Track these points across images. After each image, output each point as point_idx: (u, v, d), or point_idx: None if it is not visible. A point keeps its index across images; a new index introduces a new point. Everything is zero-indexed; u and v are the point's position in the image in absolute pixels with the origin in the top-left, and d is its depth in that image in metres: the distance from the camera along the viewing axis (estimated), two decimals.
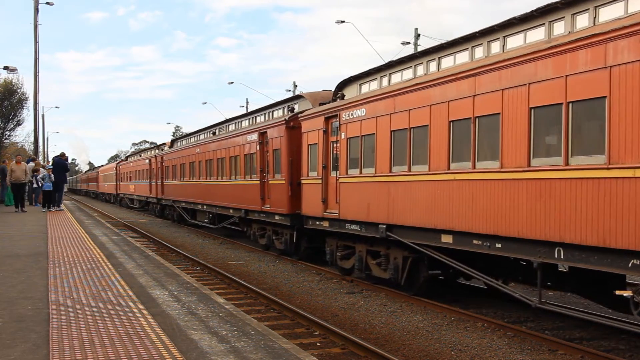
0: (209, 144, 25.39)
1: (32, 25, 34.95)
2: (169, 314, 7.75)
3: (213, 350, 6.19)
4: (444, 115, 10.56)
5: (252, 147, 19.89)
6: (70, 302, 8.12)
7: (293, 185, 16.82)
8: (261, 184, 18.96)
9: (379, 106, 12.51)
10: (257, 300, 12.49)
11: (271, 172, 18.26)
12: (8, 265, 11.26)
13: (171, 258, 18.32)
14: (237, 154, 21.45)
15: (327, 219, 14.82)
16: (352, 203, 13.51)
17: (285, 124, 17.13)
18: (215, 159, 24.19)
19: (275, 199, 17.78)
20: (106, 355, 5.81)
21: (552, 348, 8.98)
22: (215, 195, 24.20)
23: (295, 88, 52.75)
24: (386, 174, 12.20)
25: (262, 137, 19.03)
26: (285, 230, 17.93)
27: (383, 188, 12.29)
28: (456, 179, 10.22)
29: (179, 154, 31.24)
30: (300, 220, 16.61)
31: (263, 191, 18.88)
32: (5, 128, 48.15)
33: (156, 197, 36.84)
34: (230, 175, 22.32)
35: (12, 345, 6.09)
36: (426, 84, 11.08)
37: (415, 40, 35.65)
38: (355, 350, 8.78)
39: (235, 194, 21.52)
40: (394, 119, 12.02)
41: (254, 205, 19.44)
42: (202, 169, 26.38)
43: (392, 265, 12.51)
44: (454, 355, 8.75)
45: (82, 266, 11.37)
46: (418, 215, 11.19)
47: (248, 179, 20.25)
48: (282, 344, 6.58)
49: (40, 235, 16.61)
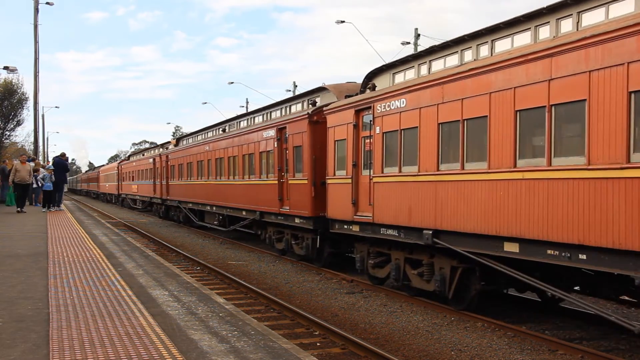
0: (220, 142, 23.83)
1: (32, 25, 34.62)
2: (169, 314, 7.72)
3: (213, 350, 6.16)
4: (509, 104, 9.07)
5: (269, 144, 18.37)
6: (70, 302, 8.08)
7: (316, 186, 15.37)
8: (279, 184, 17.46)
9: (423, 96, 11.04)
10: (257, 300, 12.39)
11: (291, 171, 16.76)
12: (8, 265, 11.20)
13: (171, 258, 18.19)
14: (251, 151, 19.92)
15: (357, 223, 13.35)
16: (388, 205, 12.03)
17: (308, 118, 15.61)
18: (227, 158, 22.67)
19: (296, 200, 16.30)
20: (106, 355, 5.79)
21: (552, 348, 8.88)
22: (226, 196, 22.68)
23: (295, 88, 52.25)
24: (432, 172, 10.73)
25: (281, 133, 17.54)
26: (306, 234, 16.46)
27: (428, 189, 10.81)
28: (525, 178, 8.72)
29: (186, 152, 29.67)
30: (324, 224, 15.16)
31: (281, 192, 17.38)
32: (5, 128, 48.08)
33: (160, 197, 35.25)
34: (243, 175, 20.80)
35: (12, 345, 6.07)
36: (484, 68, 9.60)
37: (415, 40, 35.30)
38: (355, 350, 8.71)
39: (249, 195, 20.02)
40: (442, 110, 10.54)
41: (271, 207, 17.95)
42: (211, 168, 24.82)
43: (437, 277, 11.03)
44: (454, 355, 8.69)
45: (82, 266, 11.31)
46: (473, 219, 9.69)
47: (264, 179, 18.75)
48: (282, 344, 6.54)
49: (40, 235, 16.49)
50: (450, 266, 10.73)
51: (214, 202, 24.28)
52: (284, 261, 18.20)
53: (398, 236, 11.84)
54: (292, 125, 16.65)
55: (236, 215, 21.93)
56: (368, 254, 13.49)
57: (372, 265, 13.26)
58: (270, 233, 19.25)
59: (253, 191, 19.66)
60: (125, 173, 49.74)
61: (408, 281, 12.14)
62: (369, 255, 13.42)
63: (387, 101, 12.23)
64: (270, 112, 21.17)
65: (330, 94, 16.56)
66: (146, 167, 40.14)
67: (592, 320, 10.28)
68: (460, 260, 10.49)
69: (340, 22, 35.45)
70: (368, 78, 14.41)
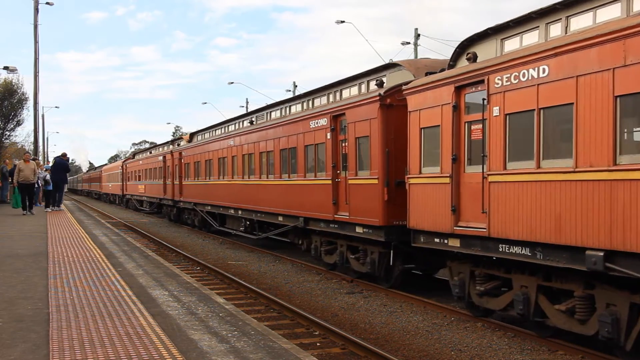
0: (248, 135, 20.31)
1: (32, 25, 34.17)
2: (169, 314, 7.71)
3: (213, 350, 6.13)
4: None
5: (318, 135, 14.99)
6: (70, 302, 8.07)
7: (390, 186, 12.11)
8: (334, 185, 14.18)
9: (584, 58, 7.77)
10: (257, 300, 12.30)
11: (352, 169, 13.42)
12: (8, 265, 11.20)
13: (171, 258, 18.05)
14: (292, 145, 16.54)
15: (458, 236, 10.09)
16: (517, 214, 8.72)
17: (379, 101, 12.21)
18: (257, 153, 19.25)
19: (359, 204, 13.01)
20: (106, 355, 5.75)
21: (552, 348, 8.78)
22: (256, 198, 19.27)
23: (295, 88, 50.90)
24: (604, 167, 7.43)
25: (336, 122, 14.22)
26: (371, 247, 13.11)
27: (597, 191, 7.50)
28: None
29: (204, 148, 26.03)
30: (397, 235, 12.02)
31: (337, 194, 14.10)
32: (5, 128, 47.80)
33: (172, 198, 31.60)
34: (281, 173, 17.40)
35: (12, 345, 6.07)
36: None
37: (415, 40, 34.92)
38: (355, 350, 8.66)
39: (289, 197, 16.71)
40: (622, 77, 7.27)
41: (321, 213, 14.63)
42: (237, 166, 21.36)
43: (605, 317, 7.71)
44: (454, 355, 8.63)
45: (82, 266, 11.27)
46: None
47: (311, 178, 15.41)
48: (282, 344, 6.51)
49: (40, 235, 16.45)
50: (630, 303, 7.44)
51: (240, 205, 20.82)
52: (284, 261, 17.69)
53: (533, 256, 8.55)
54: (354, 112, 13.30)
55: (269, 221, 18.55)
56: (471, 277, 10.23)
57: (480, 292, 9.98)
58: (317, 243, 15.85)
59: (295, 193, 16.38)
60: (131, 172, 46.10)
61: (543, 317, 8.86)
62: (474, 279, 10.16)
63: (512, 71, 8.96)
64: (311, 100, 17.90)
65: (404, 71, 13.34)
66: (155, 165, 36.51)
67: None
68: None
69: (340, 22, 35.18)
70: (462, 47, 11.25)
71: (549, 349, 8.80)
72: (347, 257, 14.27)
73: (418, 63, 13.34)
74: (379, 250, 12.82)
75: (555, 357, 8.49)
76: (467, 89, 10.06)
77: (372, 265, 13.08)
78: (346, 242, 14.25)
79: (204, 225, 27.11)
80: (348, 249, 14.24)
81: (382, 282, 13.20)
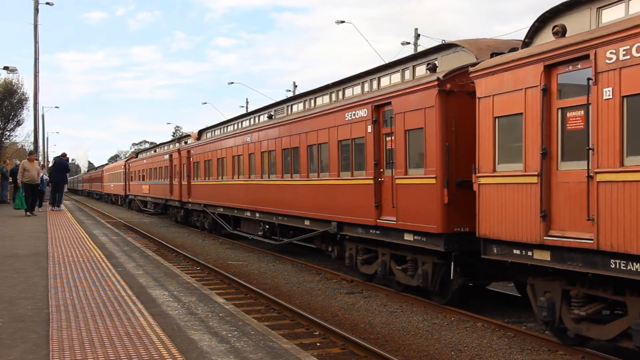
0: (268, 131, 18.35)
1: (32, 25, 34.01)
2: (169, 314, 7.69)
3: (213, 350, 6.12)
4: None
5: (356, 128, 13.07)
6: (70, 302, 8.06)
7: (450, 187, 10.34)
8: (376, 185, 12.33)
9: None
10: (257, 300, 12.25)
11: (400, 166, 11.56)
12: (8, 265, 11.21)
13: (171, 258, 17.99)
14: (323, 140, 14.64)
15: (548, 248, 8.24)
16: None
17: (438, 86, 10.37)
18: (279, 150, 17.37)
19: (410, 207, 11.19)
20: (106, 355, 5.76)
21: (552, 348, 8.67)
22: (278, 200, 17.44)
23: (295, 88, 50.36)
24: None
25: (378, 113, 12.32)
26: (425, 257, 11.29)
27: None
28: None
29: (215, 145, 24.10)
30: (459, 244, 10.32)
31: (379, 195, 12.24)
32: (5, 128, 48.25)
33: (179, 199, 29.69)
34: (308, 173, 15.57)
35: (12, 345, 6.09)
36: None
37: (415, 41, 34.71)
38: (355, 350, 8.62)
39: (318, 199, 14.82)
40: None
41: (359, 217, 12.79)
42: (254, 165, 19.45)
43: None
44: (454, 355, 8.58)
45: (82, 266, 11.26)
46: None
47: (347, 178, 13.52)
48: (282, 344, 6.50)
49: (40, 235, 16.41)
50: None
51: (258, 207, 18.94)
52: (284, 261, 17.57)
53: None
54: (404, 100, 11.40)
55: (294, 225, 16.71)
56: (564, 298, 8.38)
57: (578, 317, 8.11)
58: (352, 251, 13.95)
59: (325, 194, 14.49)
60: (134, 172, 43.99)
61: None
62: (568, 301, 8.31)
63: (634, 42, 7.13)
64: (342, 90, 16.00)
65: (462, 53, 11.56)
66: (161, 164, 34.53)
67: None
68: None
69: (340, 22, 35.02)
70: (543, 21, 9.61)
71: (549, 349, 8.72)
72: (391, 267, 12.41)
73: (479, 43, 11.41)
74: (433, 261, 11.02)
75: (555, 357, 8.44)
76: (560, 68, 8.24)
77: (424, 278, 11.24)
78: (389, 250, 12.39)
79: (214, 228, 25.28)
80: (392, 259, 12.39)
81: (435, 297, 11.41)
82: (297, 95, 19.14)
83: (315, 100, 17.49)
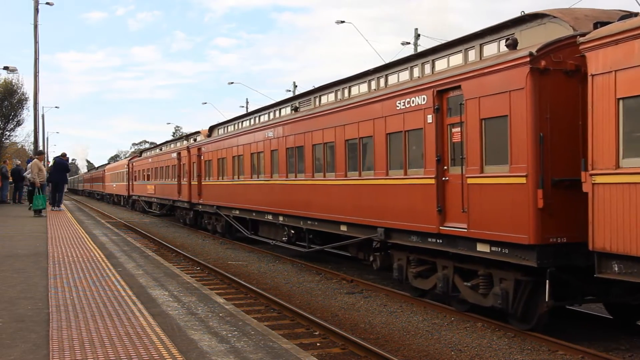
0: (294, 124, 16.32)
1: (32, 25, 33.77)
2: (169, 314, 7.69)
3: (213, 350, 6.13)
4: None
5: (411, 119, 11.26)
6: (70, 302, 8.06)
7: (546, 188, 8.65)
8: (440, 185, 10.58)
9: None
10: (257, 300, 12.27)
11: (474, 163, 9.71)
12: (8, 265, 11.20)
13: (171, 258, 18.04)
14: (366, 134, 12.84)
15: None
16: None
17: (530, 63, 8.61)
18: (309, 146, 15.41)
19: (487, 212, 9.42)
20: (106, 355, 5.76)
21: (552, 348, 8.69)
22: (306, 202, 15.55)
23: (295, 88, 49.91)
24: None
25: (441, 100, 10.52)
26: (503, 272, 9.54)
27: None
28: None
29: (230, 142, 21.99)
30: (555, 257, 8.69)
31: (443, 197, 10.52)
32: (5, 128, 48.27)
33: (188, 200, 27.78)
34: (346, 171, 13.69)
35: (12, 345, 6.07)
36: None
37: (415, 41, 34.53)
38: (355, 350, 8.64)
39: (359, 201, 13.07)
40: None
41: (415, 222, 11.05)
42: (278, 163, 17.48)
43: None
44: (454, 355, 8.60)
45: (82, 266, 11.26)
46: None
47: (398, 176, 11.73)
48: (282, 344, 6.51)
49: (40, 235, 16.40)
50: None
51: (282, 209, 17.05)
52: (284, 261, 17.52)
53: None
54: (479, 83, 9.57)
55: (326, 231, 14.91)
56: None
57: None
58: (400, 262, 12.16)
59: (369, 196, 12.72)
60: (138, 171, 42.00)
61: None
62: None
63: None
64: (385, 76, 13.43)
65: (551, 24, 9.51)
66: (167, 163, 32.51)
67: None
68: None
69: (340, 22, 34.84)
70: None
71: (549, 349, 8.70)
72: (455, 283, 10.68)
73: (575, 12, 9.55)
74: (515, 278, 9.27)
75: (555, 357, 8.44)
76: None
77: (503, 298, 9.42)
78: (453, 263, 10.61)
79: (228, 232, 23.52)
80: (458, 274, 10.56)
81: (516, 321, 9.61)
82: (326, 85, 16.34)
83: (350, 89, 15.05)
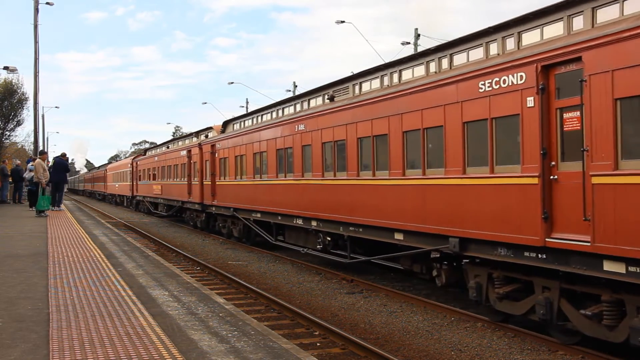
0: (332, 115, 14.29)
1: (32, 25, 33.89)
2: (169, 314, 7.70)
3: (213, 350, 6.14)
4: None
5: (502, 103, 9.10)
6: (70, 302, 8.07)
7: None
8: (546, 185, 8.44)
9: None
10: (257, 300, 12.28)
11: (603, 157, 7.60)
12: (8, 265, 11.21)
13: (171, 258, 18.09)
14: (434, 123, 10.66)
15: None
16: None
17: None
18: (354, 140, 13.30)
19: (625, 221, 7.28)
20: (106, 355, 5.77)
21: (552, 348, 8.68)
22: (348, 205, 13.53)
23: (295, 88, 50.54)
24: None
25: (547, 77, 8.39)
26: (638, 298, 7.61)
27: None
28: None
29: (250, 138, 19.78)
30: None
31: (550, 201, 8.41)
32: (5, 128, 48.59)
33: (200, 202, 25.81)
34: (404, 169, 11.61)
35: (12, 346, 6.08)
36: None
37: (415, 41, 34.64)
38: (355, 350, 8.65)
39: (424, 206, 10.90)
40: None
41: (507, 232, 8.94)
42: (311, 160, 15.39)
43: None
44: (454, 355, 8.61)
45: (82, 266, 11.27)
46: None
47: (481, 175, 9.56)
48: (282, 344, 6.52)
49: (40, 235, 16.40)
50: None
51: (316, 213, 14.97)
52: (284, 261, 17.49)
53: None
54: (612, 51, 7.43)
55: (376, 240, 12.80)
56: None
57: None
58: (479, 280, 10.11)
59: (438, 199, 10.54)
60: (143, 170, 40.08)
61: None
62: None
63: None
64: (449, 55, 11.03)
65: None
66: (176, 162, 30.53)
67: None
68: None
69: (340, 22, 34.80)
70: None
71: (549, 349, 8.71)
72: (562, 309, 8.63)
73: None
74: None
75: (555, 357, 8.43)
76: None
77: (636, 332, 7.41)
78: (559, 283, 8.63)
79: (246, 236, 21.69)
80: (562, 296, 8.62)
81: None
82: (369, 70, 13.92)
83: (401, 73, 12.66)
